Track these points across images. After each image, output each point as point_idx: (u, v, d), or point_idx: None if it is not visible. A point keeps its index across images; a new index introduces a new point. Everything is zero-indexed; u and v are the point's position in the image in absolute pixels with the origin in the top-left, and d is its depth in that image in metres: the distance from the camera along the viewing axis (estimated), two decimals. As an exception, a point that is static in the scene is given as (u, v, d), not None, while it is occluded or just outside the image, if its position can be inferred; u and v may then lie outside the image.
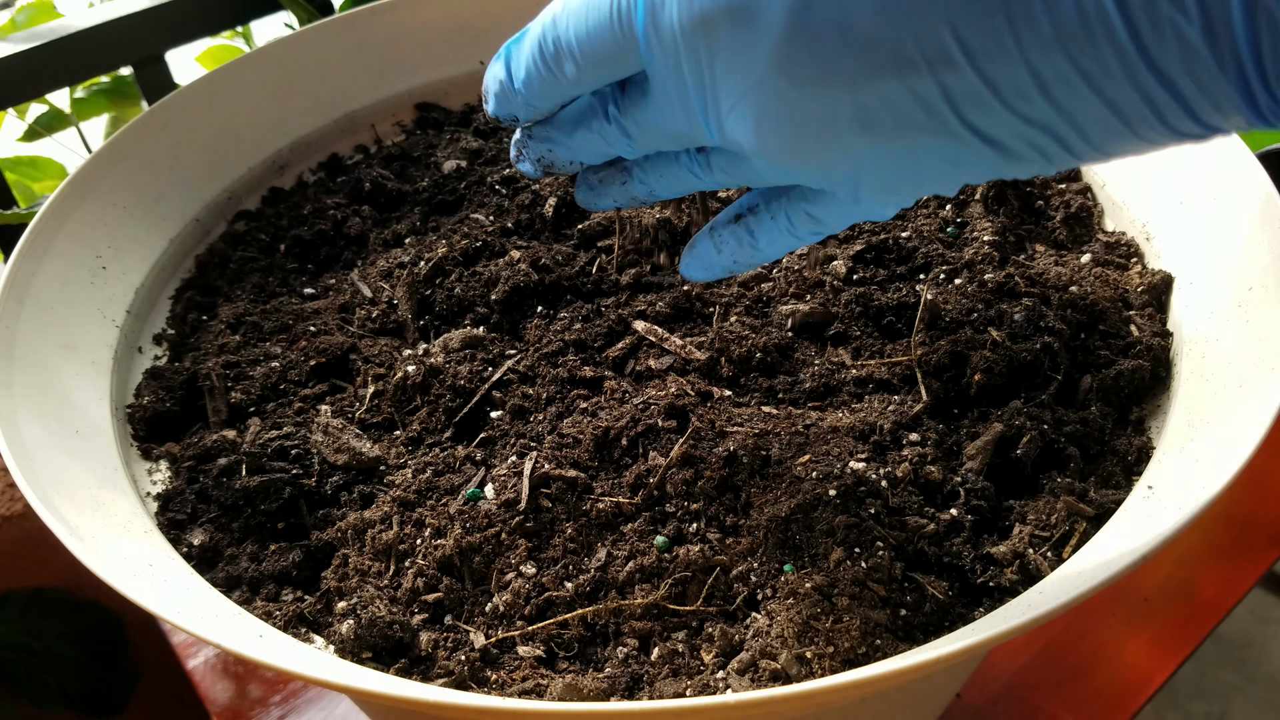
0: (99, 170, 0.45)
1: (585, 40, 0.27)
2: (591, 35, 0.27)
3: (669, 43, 0.25)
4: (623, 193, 0.33)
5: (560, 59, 0.28)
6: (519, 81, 0.30)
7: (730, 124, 0.26)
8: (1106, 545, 0.30)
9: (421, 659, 0.30)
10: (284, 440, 0.37)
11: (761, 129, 0.25)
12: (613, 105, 0.30)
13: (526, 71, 0.30)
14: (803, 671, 0.28)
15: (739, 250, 0.32)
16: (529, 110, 0.30)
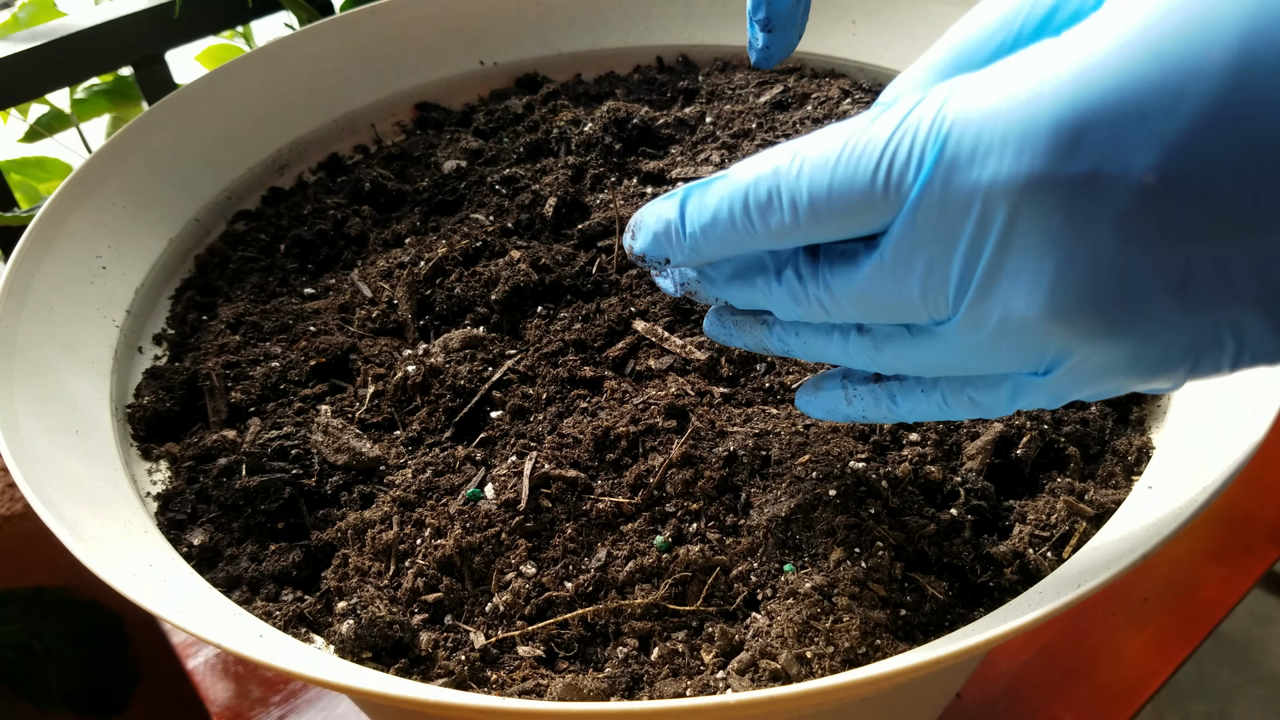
0: (99, 170, 0.45)
1: (825, 193, 0.24)
2: (837, 188, 0.24)
3: (956, 206, 0.23)
4: (755, 340, 0.31)
5: (771, 210, 0.26)
6: (696, 226, 0.27)
7: (1002, 293, 0.23)
8: (1106, 545, 0.30)
9: (421, 659, 0.30)
10: (284, 440, 0.37)
11: (1057, 294, 0.22)
12: (800, 267, 0.27)
13: (715, 217, 0.27)
14: (803, 671, 0.28)
15: (874, 409, 0.30)
16: (691, 256, 0.28)
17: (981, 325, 0.24)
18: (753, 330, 0.30)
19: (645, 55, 0.59)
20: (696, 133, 0.53)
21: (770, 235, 0.26)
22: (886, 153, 0.24)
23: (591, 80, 0.59)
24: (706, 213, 0.27)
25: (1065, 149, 0.21)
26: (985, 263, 0.23)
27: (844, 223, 0.25)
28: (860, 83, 0.55)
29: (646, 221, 0.28)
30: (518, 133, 0.54)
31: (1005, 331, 0.24)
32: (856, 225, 0.25)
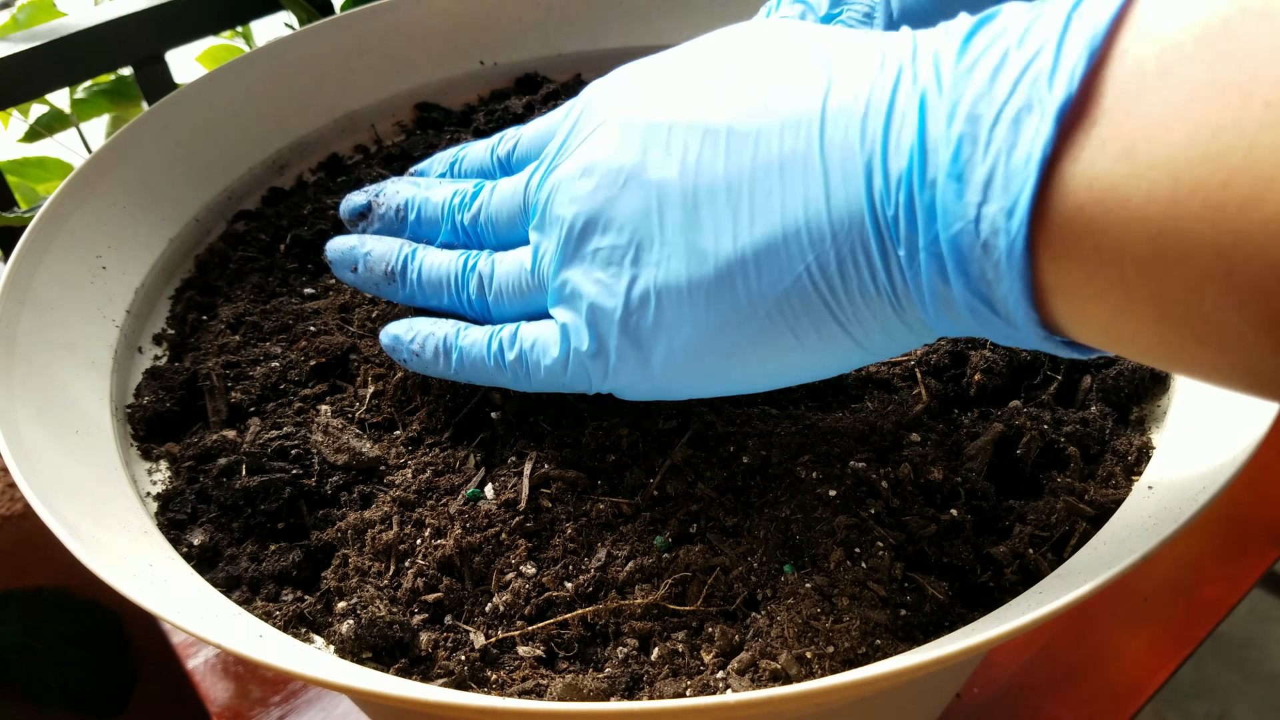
0: (99, 170, 0.45)
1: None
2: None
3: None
4: (394, 254, 0.37)
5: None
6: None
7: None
8: (1106, 545, 0.30)
9: (421, 659, 0.30)
10: (284, 440, 0.37)
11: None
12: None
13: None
14: (803, 671, 0.28)
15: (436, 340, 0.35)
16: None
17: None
18: (392, 243, 0.37)
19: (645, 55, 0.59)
20: None
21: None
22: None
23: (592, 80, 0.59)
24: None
25: None
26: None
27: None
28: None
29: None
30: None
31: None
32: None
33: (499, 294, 0.34)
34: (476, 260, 0.35)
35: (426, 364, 0.35)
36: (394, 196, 0.38)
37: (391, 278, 0.36)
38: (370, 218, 0.39)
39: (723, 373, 0.29)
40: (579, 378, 0.31)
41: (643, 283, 0.28)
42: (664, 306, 0.28)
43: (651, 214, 0.28)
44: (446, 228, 0.37)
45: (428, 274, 0.36)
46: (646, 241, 0.28)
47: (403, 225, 0.38)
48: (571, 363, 0.31)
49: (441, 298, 0.36)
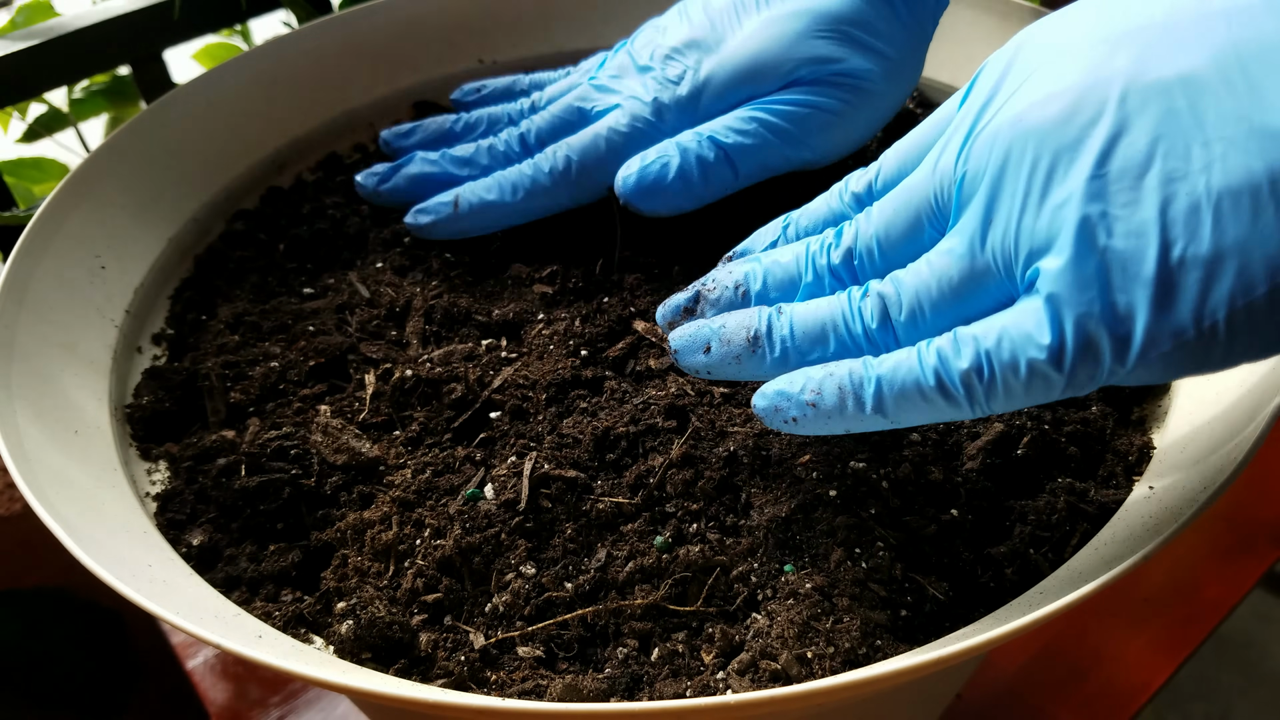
0: (97, 170, 0.45)
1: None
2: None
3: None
4: (755, 316, 0.30)
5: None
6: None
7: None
8: (1107, 546, 0.29)
9: (421, 659, 0.30)
10: (283, 440, 0.37)
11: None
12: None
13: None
14: (803, 672, 0.28)
15: (846, 367, 0.28)
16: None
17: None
18: (744, 311, 0.30)
19: (645, 54, 0.59)
20: None
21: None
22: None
23: (591, 79, 0.59)
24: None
25: None
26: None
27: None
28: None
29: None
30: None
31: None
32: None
33: (917, 308, 0.26)
34: (866, 287, 0.28)
35: (829, 414, 0.27)
36: (728, 276, 0.31)
37: (755, 342, 0.29)
38: (699, 310, 0.32)
39: None
40: (1085, 363, 0.23)
41: (1185, 197, 0.21)
42: (1226, 219, 0.21)
43: (1179, 112, 0.21)
44: (808, 279, 0.30)
45: (803, 322, 0.28)
46: (1176, 148, 0.21)
47: (745, 302, 0.31)
48: (1073, 343, 0.23)
49: (827, 346, 0.28)
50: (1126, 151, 0.22)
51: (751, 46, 0.40)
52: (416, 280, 0.44)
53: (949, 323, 0.26)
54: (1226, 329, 0.21)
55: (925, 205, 0.27)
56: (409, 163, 0.45)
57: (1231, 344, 0.22)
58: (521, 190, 0.42)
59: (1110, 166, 0.22)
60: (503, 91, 0.49)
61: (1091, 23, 0.24)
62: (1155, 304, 0.22)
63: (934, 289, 0.26)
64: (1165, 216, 0.21)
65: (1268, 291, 0.21)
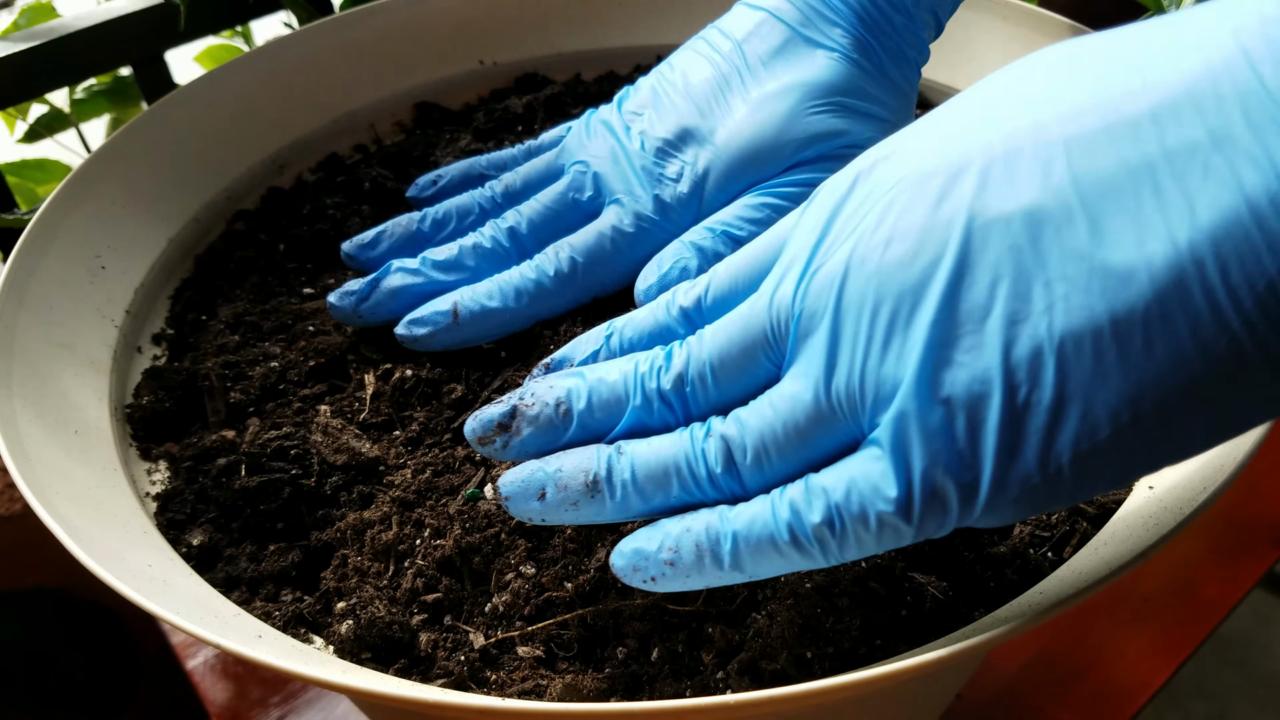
0: (98, 170, 0.45)
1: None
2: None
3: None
4: (592, 459, 0.28)
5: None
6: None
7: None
8: (1107, 545, 0.29)
9: (421, 659, 0.30)
10: (283, 440, 0.37)
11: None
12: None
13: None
14: (803, 672, 0.28)
15: (704, 521, 0.26)
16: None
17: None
18: (582, 451, 0.28)
19: (646, 55, 0.59)
20: None
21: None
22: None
23: (592, 80, 0.59)
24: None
25: None
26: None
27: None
28: (860, 82, 0.55)
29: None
30: (519, 134, 0.54)
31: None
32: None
33: (762, 452, 0.26)
34: (709, 426, 0.27)
35: (687, 572, 0.26)
36: (549, 392, 0.29)
37: (595, 488, 0.27)
38: (515, 426, 0.29)
39: (1164, 442, 0.21)
40: (933, 513, 0.23)
41: (1027, 341, 0.21)
42: (1069, 363, 0.21)
43: (1021, 250, 0.21)
44: (636, 403, 0.28)
45: (645, 465, 0.27)
46: (1019, 288, 0.21)
47: (567, 423, 0.29)
48: (920, 495, 0.23)
49: (669, 491, 0.27)
50: (969, 294, 0.22)
51: (747, 132, 0.39)
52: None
53: (795, 466, 0.26)
54: (1072, 472, 0.21)
55: (760, 337, 0.27)
56: (386, 275, 0.40)
57: (1078, 485, 0.22)
58: (526, 295, 0.39)
59: (952, 311, 0.22)
60: (460, 179, 0.46)
61: (931, 150, 0.24)
62: (1000, 453, 0.22)
63: (779, 433, 0.25)
64: (1008, 362, 0.21)
65: (1111, 434, 0.21)
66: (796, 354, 0.26)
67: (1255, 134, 0.19)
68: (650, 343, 0.31)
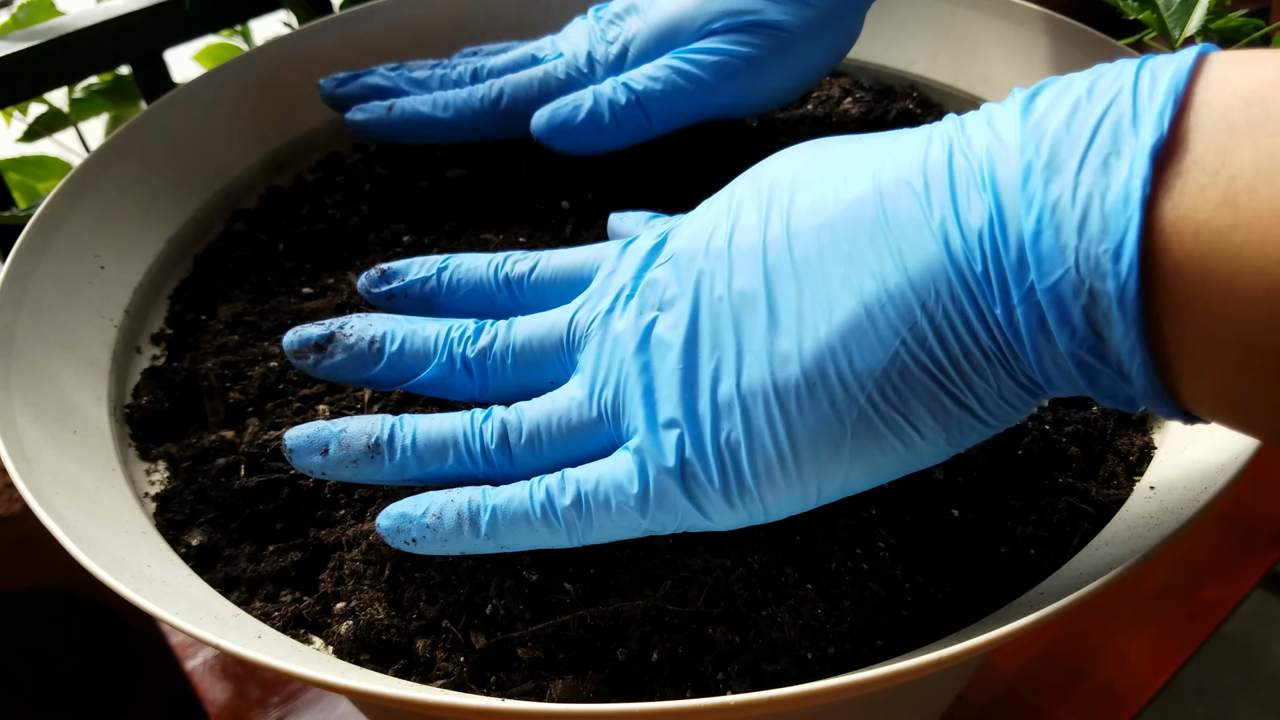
0: (97, 170, 0.45)
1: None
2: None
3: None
4: (375, 423, 0.32)
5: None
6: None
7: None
8: (1108, 546, 0.29)
9: (420, 660, 0.30)
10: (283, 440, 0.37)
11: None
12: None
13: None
14: (803, 673, 0.28)
15: (467, 494, 0.30)
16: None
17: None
18: (367, 417, 0.31)
19: (645, 54, 0.59)
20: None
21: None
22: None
23: (591, 79, 0.59)
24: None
25: None
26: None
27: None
28: (861, 81, 0.55)
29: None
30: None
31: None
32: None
33: (534, 440, 0.30)
34: (490, 411, 0.31)
35: (446, 537, 0.29)
36: (368, 328, 0.33)
37: (375, 449, 0.30)
38: (330, 349, 0.33)
39: (828, 480, 0.27)
40: (663, 513, 0.28)
41: (725, 393, 0.27)
42: (751, 411, 0.27)
43: (729, 324, 0.27)
44: (442, 360, 0.32)
45: (425, 434, 0.30)
46: (726, 354, 0.27)
47: (377, 359, 0.32)
48: (654, 494, 0.28)
49: (445, 460, 0.30)
50: (698, 352, 0.28)
51: (672, 6, 0.44)
52: (416, 280, 0.44)
53: (562, 455, 0.30)
54: (760, 493, 0.27)
55: (558, 344, 0.32)
56: (370, 74, 0.48)
57: (769, 505, 0.27)
58: (452, 109, 0.45)
59: (688, 363, 0.28)
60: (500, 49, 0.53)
61: (688, 238, 0.30)
62: (709, 471, 0.27)
63: (553, 427, 0.30)
64: (715, 405, 0.27)
65: (782, 470, 0.27)
66: (580, 366, 0.31)
67: (876, 252, 0.25)
68: (471, 292, 0.35)
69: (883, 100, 0.53)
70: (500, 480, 0.30)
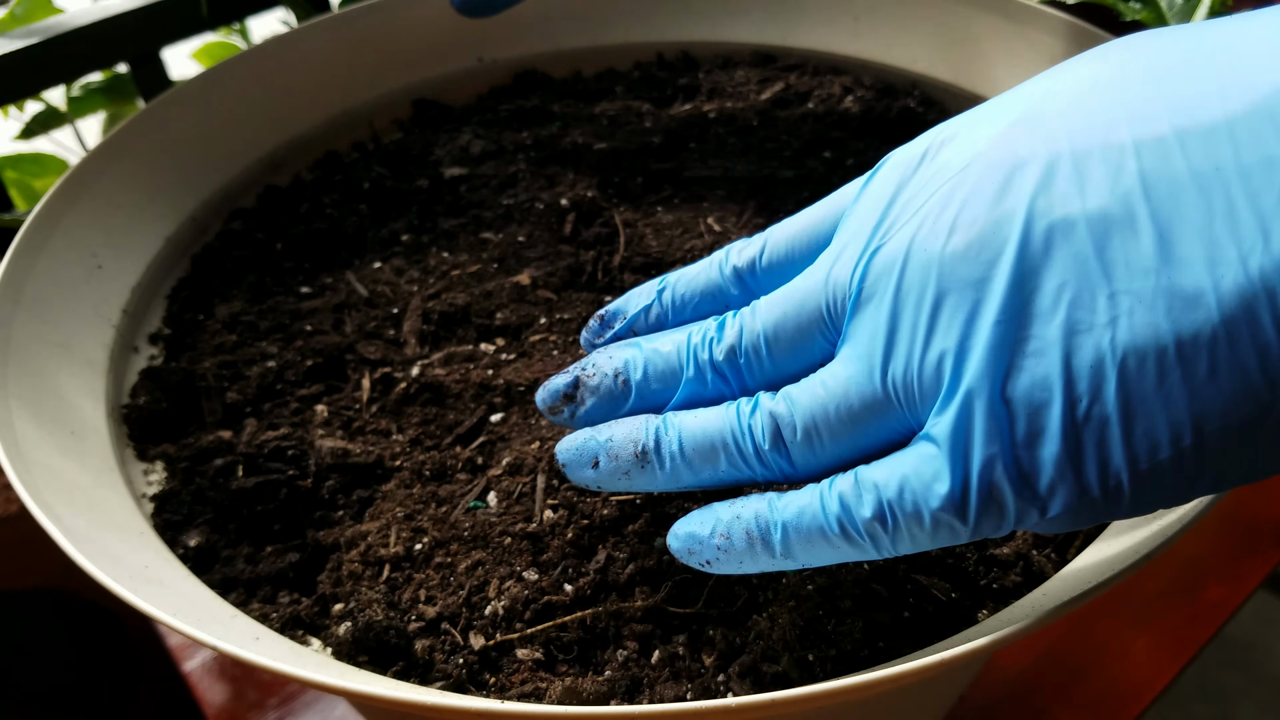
0: (95, 168, 0.45)
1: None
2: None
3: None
4: (642, 429, 0.28)
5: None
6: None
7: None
8: (1110, 547, 0.29)
9: (419, 662, 0.30)
10: (280, 441, 0.36)
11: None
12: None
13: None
14: (805, 674, 0.28)
15: (753, 508, 0.26)
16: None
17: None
18: (634, 420, 0.28)
19: (646, 51, 0.59)
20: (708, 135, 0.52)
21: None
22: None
23: (591, 77, 0.59)
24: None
25: None
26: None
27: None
28: (863, 79, 0.55)
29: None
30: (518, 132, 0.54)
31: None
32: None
33: (813, 432, 0.25)
34: (756, 401, 0.26)
35: (740, 558, 0.26)
36: (608, 363, 0.29)
37: (644, 458, 0.27)
38: (579, 396, 0.30)
39: (1233, 465, 0.21)
40: (989, 515, 0.22)
41: (1090, 352, 0.21)
42: (1131, 380, 0.20)
43: (1086, 258, 0.21)
44: (690, 374, 0.28)
45: (692, 438, 0.27)
46: (1082, 297, 0.21)
47: (626, 393, 0.29)
48: (975, 496, 0.22)
49: (717, 465, 0.27)
50: (1032, 297, 0.21)
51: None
52: (414, 280, 0.44)
53: (847, 450, 0.25)
54: (1131, 487, 0.21)
55: (816, 315, 0.26)
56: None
57: (1137, 500, 0.21)
58: None
59: (1014, 313, 0.21)
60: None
61: (996, 137, 0.23)
62: (1059, 461, 0.21)
63: (830, 414, 0.25)
64: (1069, 371, 0.21)
65: (1172, 455, 0.20)
66: (852, 334, 0.25)
67: None
68: (701, 301, 0.30)
69: (884, 98, 0.53)
70: (783, 481, 0.26)
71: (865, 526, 0.24)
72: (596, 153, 0.50)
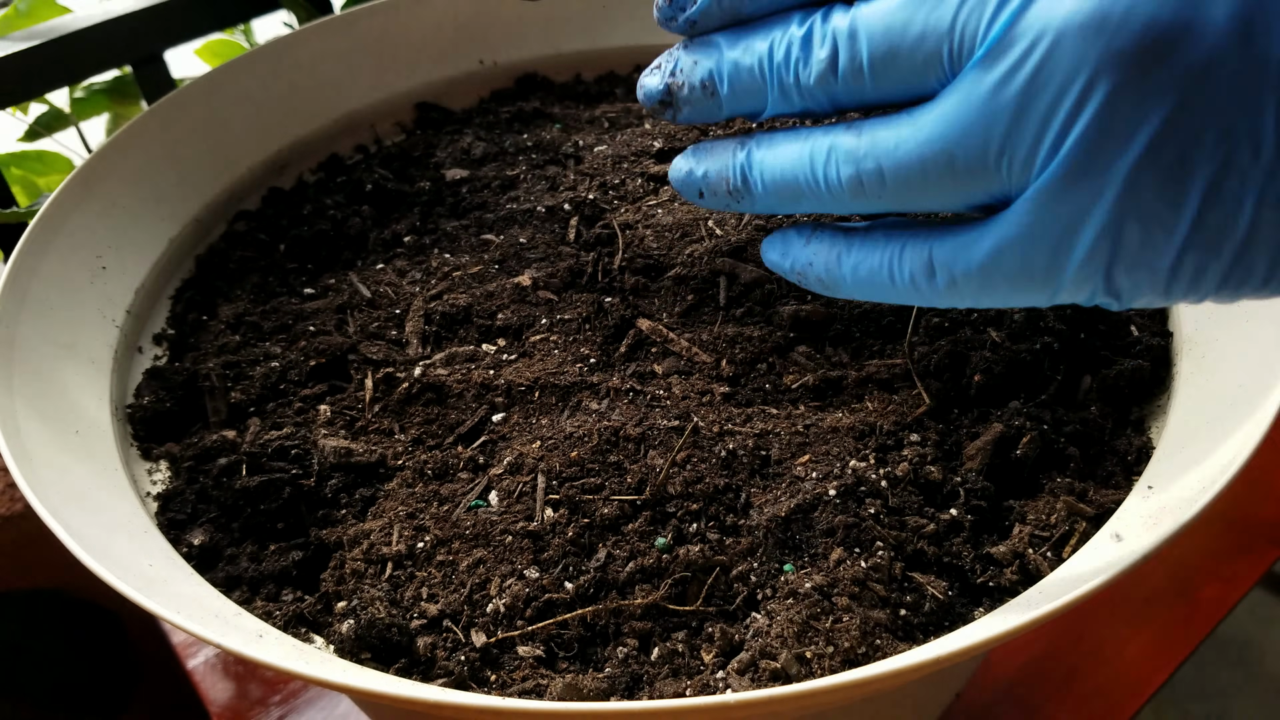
0: (99, 170, 0.45)
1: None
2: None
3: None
4: (723, 163, 0.29)
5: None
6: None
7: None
8: (1106, 545, 0.30)
9: (421, 659, 0.30)
10: (284, 440, 0.37)
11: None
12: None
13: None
14: (803, 671, 0.28)
15: (827, 252, 0.28)
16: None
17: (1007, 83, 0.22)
18: (724, 150, 0.29)
19: (646, 55, 0.59)
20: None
21: None
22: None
23: (592, 80, 0.59)
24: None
25: None
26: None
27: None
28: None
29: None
30: (519, 135, 0.54)
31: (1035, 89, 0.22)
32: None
33: (898, 187, 0.25)
34: (834, 138, 0.26)
35: (812, 285, 0.29)
36: (693, 69, 0.28)
37: (736, 195, 0.29)
38: (675, 103, 0.29)
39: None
40: (1090, 264, 0.22)
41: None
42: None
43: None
44: (773, 94, 0.27)
45: (773, 180, 0.27)
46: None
47: (718, 104, 0.28)
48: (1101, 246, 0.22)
49: (800, 204, 0.27)
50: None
51: None
52: (416, 281, 0.44)
53: (930, 205, 0.25)
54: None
55: (935, 54, 0.23)
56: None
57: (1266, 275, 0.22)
58: None
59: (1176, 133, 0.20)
60: None
61: None
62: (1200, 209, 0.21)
63: (915, 166, 0.24)
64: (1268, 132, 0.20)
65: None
66: (970, 86, 0.23)
67: None
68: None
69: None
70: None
71: (943, 289, 0.26)
72: (597, 155, 0.51)
